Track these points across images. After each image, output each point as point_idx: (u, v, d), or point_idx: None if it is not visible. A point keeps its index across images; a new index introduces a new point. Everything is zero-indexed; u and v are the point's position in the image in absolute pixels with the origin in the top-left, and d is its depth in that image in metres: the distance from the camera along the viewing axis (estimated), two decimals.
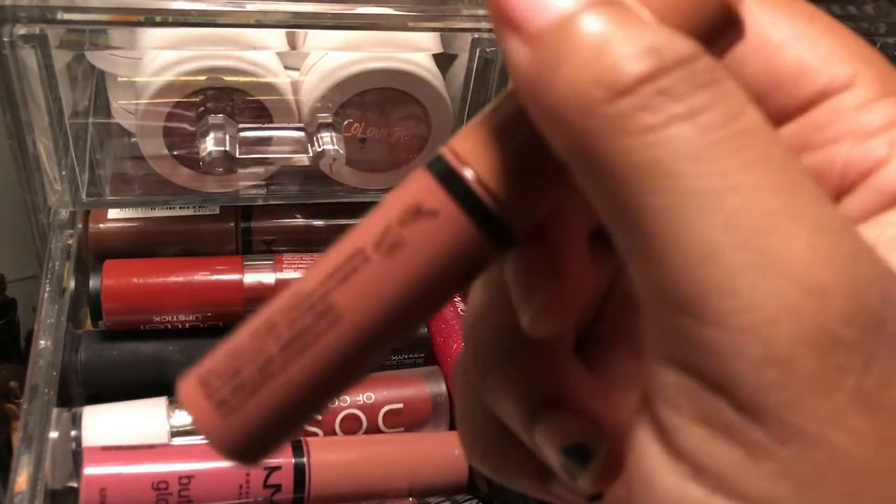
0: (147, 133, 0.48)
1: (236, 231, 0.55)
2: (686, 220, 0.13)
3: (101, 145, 0.51)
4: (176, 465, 0.45)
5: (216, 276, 0.52)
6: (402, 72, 0.48)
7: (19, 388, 0.59)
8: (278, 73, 0.48)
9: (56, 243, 0.52)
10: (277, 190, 0.52)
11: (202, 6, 0.43)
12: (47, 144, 0.46)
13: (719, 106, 0.14)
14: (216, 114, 0.47)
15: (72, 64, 0.48)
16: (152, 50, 0.47)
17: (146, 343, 0.51)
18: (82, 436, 0.46)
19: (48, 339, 0.47)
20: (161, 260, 0.53)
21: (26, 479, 0.41)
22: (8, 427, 0.62)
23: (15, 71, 0.43)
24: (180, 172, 0.50)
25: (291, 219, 0.56)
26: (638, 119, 0.14)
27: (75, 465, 0.45)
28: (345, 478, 0.47)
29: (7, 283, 0.67)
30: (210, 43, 0.46)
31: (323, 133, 0.49)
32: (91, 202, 0.50)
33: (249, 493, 0.45)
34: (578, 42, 0.14)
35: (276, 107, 0.49)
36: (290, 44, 0.48)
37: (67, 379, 0.49)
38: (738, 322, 0.13)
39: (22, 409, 0.44)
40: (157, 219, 0.54)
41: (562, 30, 0.14)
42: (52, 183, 0.48)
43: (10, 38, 0.42)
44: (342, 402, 0.50)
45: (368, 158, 0.52)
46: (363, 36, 0.47)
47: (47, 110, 0.45)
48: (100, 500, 0.43)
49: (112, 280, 0.51)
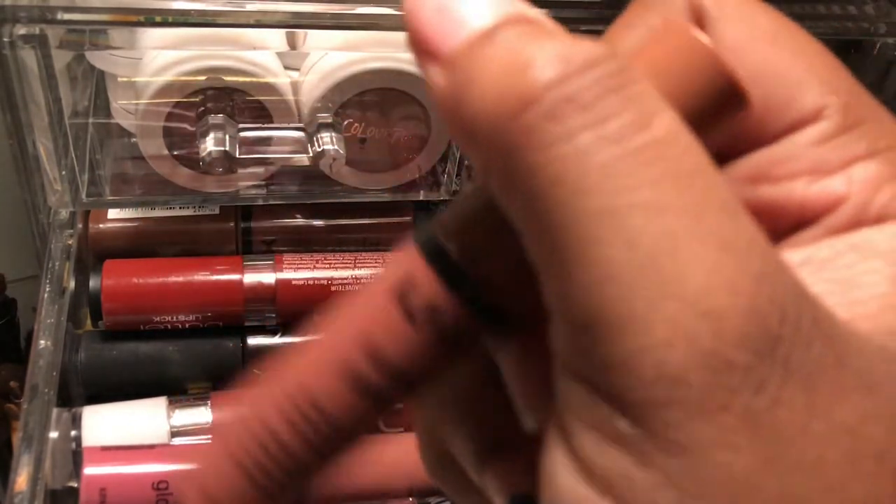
0: (147, 133, 0.48)
1: (236, 231, 0.55)
2: (592, 237, 0.13)
3: (101, 145, 0.51)
4: (176, 465, 0.45)
5: (216, 276, 0.52)
6: (402, 72, 0.48)
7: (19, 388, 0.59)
8: (278, 73, 0.48)
9: (56, 243, 0.52)
10: (277, 190, 0.52)
11: (202, 6, 0.43)
12: (47, 144, 0.46)
13: (628, 113, 0.13)
14: (216, 114, 0.47)
15: (72, 64, 0.48)
16: (152, 50, 0.47)
17: (146, 343, 0.51)
18: (82, 436, 0.46)
19: (48, 339, 0.47)
20: (161, 260, 0.53)
21: (26, 479, 0.41)
22: (8, 427, 0.62)
23: (15, 71, 0.43)
24: (180, 172, 0.50)
25: (291, 219, 0.56)
26: (546, 130, 0.13)
27: (75, 465, 0.45)
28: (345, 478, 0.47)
29: (7, 283, 0.67)
30: (210, 43, 0.46)
31: (323, 133, 0.49)
32: (91, 202, 0.50)
33: None
34: (488, 59, 0.14)
35: (276, 107, 0.49)
36: (290, 44, 0.48)
37: (67, 379, 0.49)
38: (633, 344, 0.13)
39: (22, 409, 0.44)
40: (157, 219, 0.54)
41: (471, 49, 0.14)
42: (52, 183, 0.48)
43: (10, 38, 0.42)
44: None
45: (368, 158, 0.52)
46: (363, 36, 0.47)
47: (47, 110, 0.45)
48: (100, 500, 0.43)
49: (112, 280, 0.51)
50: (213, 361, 0.51)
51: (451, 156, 0.52)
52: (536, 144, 0.13)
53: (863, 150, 0.16)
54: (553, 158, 0.13)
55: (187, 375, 0.52)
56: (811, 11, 0.50)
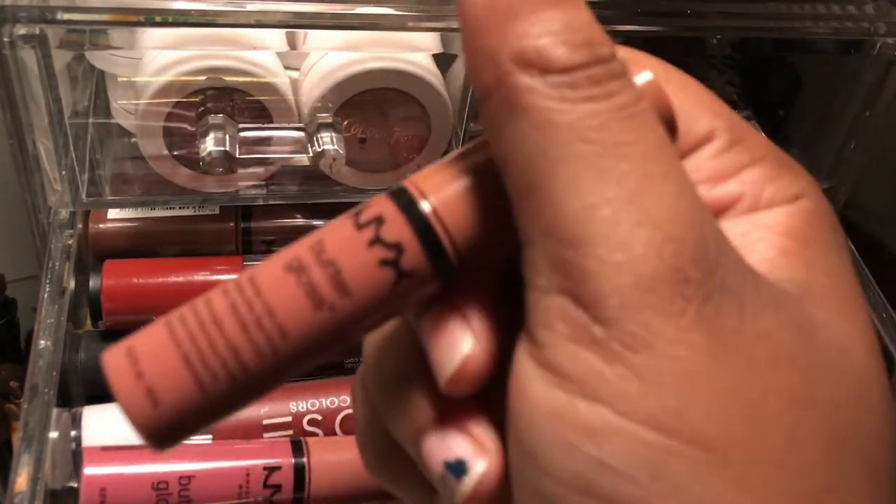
0: (147, 133, 0.48)
1: (236, 231, 0.55)
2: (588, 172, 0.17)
3: (101, 145, 0.51)
4: (176, 465, 0.45)
5: (216, 276, 0.52)
6: (402, 72, 0.48)
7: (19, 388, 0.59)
8: (278, 73, 0.48)
9: (56, 243, 0.52)
10: (277, 190, 0.52)
11: (202, 6, 0.43)
12: (47, 144, 0.46)
13: (626, 92, 0.18)
14: (216, 114, 0.47)
15: (72, 64, 0.48)
16: (152, 50, 0.47)
17: None
18: (82, 436, 0.46)
19: (48, 339, 0.47)
20: (161, 260, 0.53)
21: (26, 479, 0.41)
22: (8, 427, 0.62)
23: (15, 71, 0.43)
24: (180, 172, 0.50)
25: (291, 219, 0.56)
26: (569, 89, 0.17)
27: (75, 465, 0.45)
28: (345, 478, 0.47)
29: (7, 283, 0.67)
30: (210, 43, 0.46)
31: (323, 133, 0.49)
32: (91, 202, 0.50)
33: (249, 493, 0.45)
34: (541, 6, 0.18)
35: (276, 107, 0.49)
36: (290, 44, 0.48)
37: (67, 379, 0.49)
38: (614, 257, 0.17)
39: (22, 409, 0.44)
40: (157, 219, 0.54)
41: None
42: (52, 183, 0.48)
43: (10, 38, 0.42)
44: (342, 403, 0.50)
45: (368, 158, 0.52)
46: (363, 36, 0.47)
47: (47, 110, 0.45)
48: (100, 500, 0.43)
49: (112, 280, 0.51)
50: None
51: None
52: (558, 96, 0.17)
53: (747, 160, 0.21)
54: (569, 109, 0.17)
55: None
56: (811, 11, 0.50)
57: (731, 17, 0.49)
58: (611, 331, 0.17)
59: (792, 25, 0.50)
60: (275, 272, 0.18)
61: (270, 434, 0.48)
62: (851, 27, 0.50)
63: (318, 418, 0.49)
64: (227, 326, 0.18)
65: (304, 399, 0.49)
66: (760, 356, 0.17)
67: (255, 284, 0.18)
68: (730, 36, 0.49)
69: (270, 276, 0.18)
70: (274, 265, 0.18)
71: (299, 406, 0.49)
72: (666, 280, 0.17)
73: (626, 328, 0.17)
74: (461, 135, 0.50)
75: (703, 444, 0.16)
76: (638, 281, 0.17)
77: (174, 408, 0.17)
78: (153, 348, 0.18)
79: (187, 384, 0.17)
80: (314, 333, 0.18)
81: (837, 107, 0.56)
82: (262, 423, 0.48)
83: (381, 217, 0.18)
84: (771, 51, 0.52)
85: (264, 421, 0.48)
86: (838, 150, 0.57)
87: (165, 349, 0.18)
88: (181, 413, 0.17)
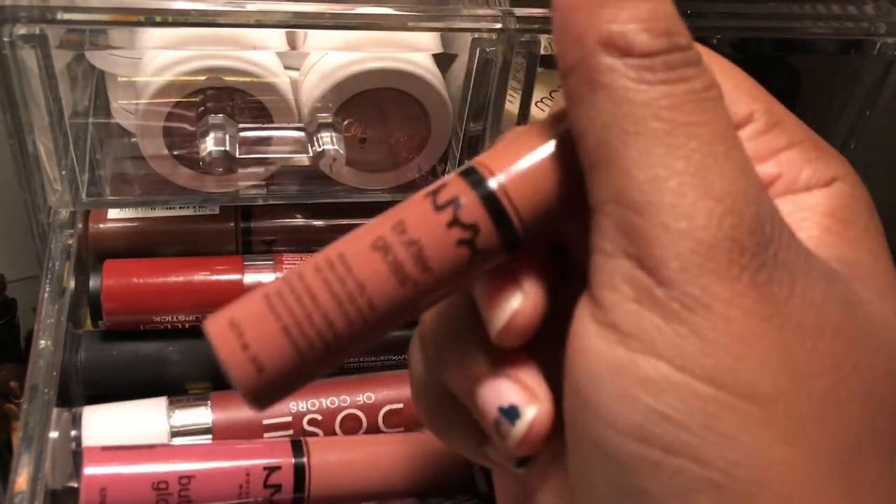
0: (147, 133, 0.48)
1: (236, 231, 0.55)
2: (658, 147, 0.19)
3: (101, 145, 0.51)
4: (176, 465, 0.45)
5: (216, 276, 0.52)
6: (402, 72, 0.48)
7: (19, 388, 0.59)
8: (278, 73, 0.48)
9: (56, 243, 0.52)
10: (277, 190, 0.52)
11: (202, 6, 0.43)
12: (47, 144, 0.46)
13: (700, 79, 0.19)
14: (216, 114, 0.47)
15: (72, 64, 0.48)
16: (152, 50, 0.47)
17: (146, 343, 0.51)
18: (82, 436, 0.46)
19: (48, 339, 0.47)
20: (161, 260, 0.53)
21: (26, 479, 0.41)
22: (8, 427, 0.62)
23: (15, 71, 0.43)
24: (180, 172, 0.50)
25: (291, 219, 0.56)
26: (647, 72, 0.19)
27: (75, 465, 0.45)
28: (345, 478, 0.47)
29: (7, 283, 0.67)
30: (210, 43, 0.46)
31: (323, 133, 0.49)
32: (91, 202, 0.50)
33: (249, 493, 0.45)
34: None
35: (276, 107, 0.49)
36: (290, 44, 0.48)
37: (67, 379, 0.49)
38: (678, 225, 0.19)
39: (22, 409, 0.44)
40: (157, 219, 0.54)
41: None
42: (52, 183, 0.48)
43: (10, 38, 0.42)
44: (342, 403, 0.50)
45: (368, 158, 0.52)
46: (363, 36, 0.47)
47: (47, 110, 0.45)
48: (100, 500, 0.43)
49: (112, 280, 0.51)
50: (213, 361, 0.51)
51: (451, 156, 0.52)
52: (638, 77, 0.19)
53: (784, 142, 0.23)
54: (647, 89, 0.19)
55: (187, 375, 0.51)
56: (811, 11, 0.50)
57: (731, 17, 0.49)
58: (671, 292, 0.18)
59: (792, 25, 0.50)
60: (363, 250, 0.20)
61: (270, 434, 0.48)
62: (851, 27, 0.50)
63: (318, 418, 0.49)
64: (322, 300, 0.20)
65: (304, 399, 0.49)
66: (807, 323, 0.19)
67: (346, 262, 0.20)
68: (730, 36, 0.49)
69: (359, 255, 0.20)
70: (359, 243, 0.20)
71: (299, 406, 0.49)
72: (724, 248, 0.18)
73: (685, 290, 0.18)
74: (461, 135, 0.50)
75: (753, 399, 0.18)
76: (699, 248, 0.18)
77: (276, 373, 0.20)
78: (255, 320, 0.20)
79: (288, 352, 0.20)
80: (397, 304, 0.20)
81: (837, 107, 0.56)
82: (262, 423, 0.48)
83: (458, 199, 0.20)
84: (771, 51, 0.52)
85: (264, 421, 0.48)
86: (838, 150, 0.57)
87: (266, 321, 0.20)
88: (282, 378, 0.20)
